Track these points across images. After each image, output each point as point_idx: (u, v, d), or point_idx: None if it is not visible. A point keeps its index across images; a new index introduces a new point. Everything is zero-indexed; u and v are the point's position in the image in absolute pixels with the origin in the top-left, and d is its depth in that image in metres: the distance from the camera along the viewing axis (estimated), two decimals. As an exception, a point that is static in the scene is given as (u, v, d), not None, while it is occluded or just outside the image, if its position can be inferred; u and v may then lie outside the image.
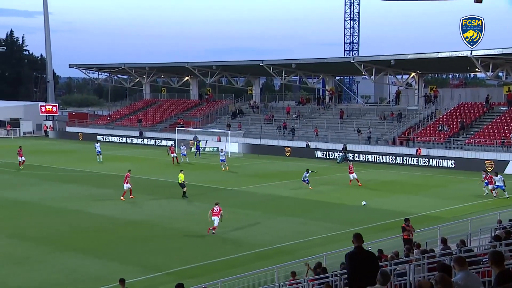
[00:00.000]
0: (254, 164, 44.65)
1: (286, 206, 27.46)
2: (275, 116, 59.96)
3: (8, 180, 34.67)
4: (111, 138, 63.64)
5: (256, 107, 64.12)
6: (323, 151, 48.69)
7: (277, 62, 57.83)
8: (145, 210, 26.15)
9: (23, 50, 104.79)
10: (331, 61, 54.26)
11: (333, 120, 55.81)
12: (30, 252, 18.93)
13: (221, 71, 64.82)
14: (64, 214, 24.83)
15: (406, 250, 15.21)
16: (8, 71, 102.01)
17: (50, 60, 76.42)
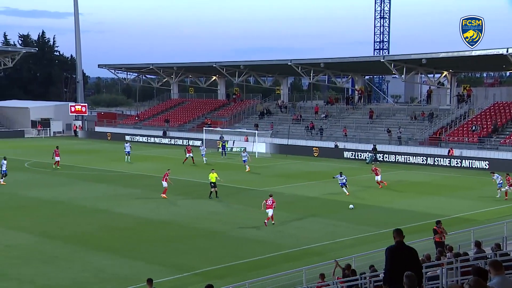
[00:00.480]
0: (282, 164, 44.53)
1: (314, 206, 27.26)
2: (303, 116, 59.70)
3: (39, 179, 35.38)
4: (138, 138, 64.39)
5: (284, 107, 63.97)
6: (352, 152, 48.23)
7: (306, 61, 57.54)
8: (172, 210, 26.32)
9: (54, 51, 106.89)
10: (360, 60, 53.71)
11: (362, 120, 55.27)
12: (58, 251, 19.23)
13: (249, 71, 64.90)
14: (93, 214, 25.17)
15: (438, 253, 14.87)
16: (39, 71, 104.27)
17: (80, 61, 77.81)
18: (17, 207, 26.34)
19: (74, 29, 76.25)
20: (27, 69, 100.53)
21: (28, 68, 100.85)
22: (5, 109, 75.65)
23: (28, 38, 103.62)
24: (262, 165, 43.74)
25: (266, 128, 58.03)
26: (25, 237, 20.78)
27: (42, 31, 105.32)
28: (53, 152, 40.48)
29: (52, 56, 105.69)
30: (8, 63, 73.16)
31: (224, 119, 64.35)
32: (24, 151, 52.17)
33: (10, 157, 46.97)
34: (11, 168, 40.28)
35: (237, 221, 24.11)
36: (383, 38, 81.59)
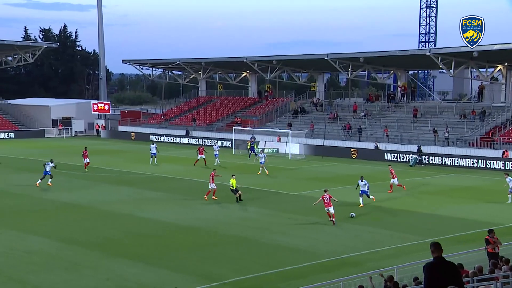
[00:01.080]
0: (317, 166, 44.34)
1: (352, 212, 27.00)
2: (340, 115, 59.33)
3: (60, 182, 36.10)
4: (164, 138, 65.10)
5: (319, 104, 63.72)
6: (394, 153, 47.69)
7: (343, 55, 57.16)
8: (199, 215, 26.51)
9: (76, 46, 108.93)
10: (404, 54, 53.01)
11: (405, 119, 54.61)
12: (79, 257, 19.59)
13: (282, 66, 64.88)
14: (115, 218, 25.56)
15: (491, 265, 14.53)
16: (60, 67, 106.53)
17: (103, 56, 79.13)
18: (37, 211, 26.96)
19: (97, 23, 77.58)
20: (48, 65, 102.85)
21: (49, 64, 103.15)
22: (26, 108, 77.57)
23: (50, 32, 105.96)
24: (295, 167, 43.63)
25: (300, 127, 57.89)
26: (46, 242, 21.25)
27: (64, 25, 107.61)
28: (82, 153, 40.83)
29: (74, 51, 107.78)
30: (29, 59, 75.01)
31: (255, 118, 64.50)
32: (45, 152, 53.35)
33: (30, 158, 48.21)
34: (31, 170, 41.28)
35: (268, 227, 24.12)
36: (429, 30, 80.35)
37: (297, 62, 64.09)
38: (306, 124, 59.45)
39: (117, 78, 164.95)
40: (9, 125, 71.77)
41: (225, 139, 59.25)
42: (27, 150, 54.65)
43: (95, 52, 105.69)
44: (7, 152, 52.51)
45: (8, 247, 20.51)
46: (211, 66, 72.67)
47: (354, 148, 50.50)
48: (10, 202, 28.77)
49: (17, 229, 23.07)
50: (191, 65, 73.10)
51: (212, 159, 43.95)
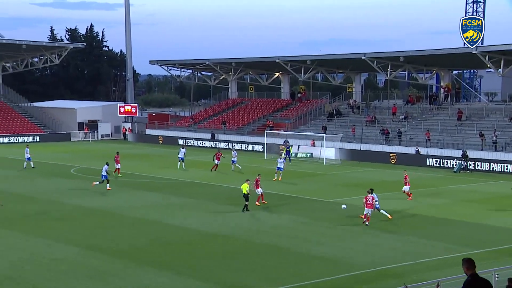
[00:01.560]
0: (353, 172, 44.02)
1: (391, 221, 26.74)
2: (378, 118, 58.86)
3: (86, 187, 36.71)
4: (193, 142, 65.58)
5: (356, 107, 63.32)
6: (437, 159, 47.03)
7: (382, 55, 56.72)
8: (228, 222, 26.59)
9: (103, 46, 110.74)
10: (447, 53, 52.27)
11: (449, 122, 53.86)
12: (105, 265, 19.85)
13: (316, 66, 64.74)
14: (142, 225, 25.84)
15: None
16: (87, 68, 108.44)
17: (130, 57, 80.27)
18: (63, 217, 27.45)
19: (124, 22, 78.79)
20: (74, 66, 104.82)
21: (75, 65, 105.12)
22: (51, 110, 79.19)
23: (76, 32, 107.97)
24: (330, 173, 43.41)
25: (336, 131, 57.60)
26: (72, 250, 21.60)
27: (91, 25, 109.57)
28: (114, 158, 41.17)
29: (100, 51, 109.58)
30: (55, 60, 76.65)
31: (287, 121, 64.47)
32: (70, 156, 54.35)
33: (56, 162, 49.16)
34: (57, 174, 42.09)
35: (302, 235, 24.05)
36: (475, 26, 78.92)
37: (333, 62, 63.84)
38: (341, 128, 59.12)
39: (144, 79, 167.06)
40: (35, 129, 73.37)
41: (256, 143, 59.37)
42: (53, 154, 55.72)
43: (122, 53, 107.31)
44: (33, 157, 53.66)
45: (34, 254, 20.93)
46: (242, 66, 72.96)
47: (393, 152, 50.03)
48: (36, 208, 29.38)
49: (42, 236, 23.53)
50: (221, 66, 73.52)
51: (228, 163, 43.90)
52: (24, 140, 68.93)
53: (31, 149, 47.27)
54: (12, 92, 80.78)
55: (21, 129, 72.09)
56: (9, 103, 78.43)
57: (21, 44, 70.43)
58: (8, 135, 69.42)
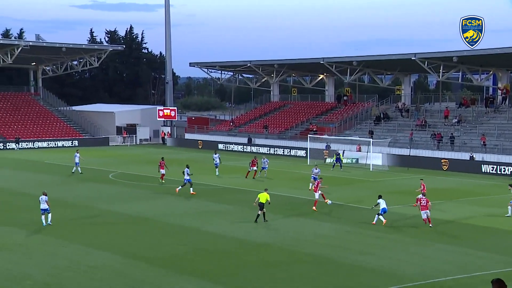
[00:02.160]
0: (402, 179, 43.41)
1: (444, 231, 26.25)
2: (429, 121, 58.00)
3: (124, 193, 37.31)
4: (233, 147, 65.89)
5: (405, 110, 62.56)
6: (493, 165, 46.00)
7: (434, 55, 55.86)
8: (272, 230, 26.56)
9: (142, 48, 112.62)
10: (506, 52, 51.01)
11: (506, 126, 52.70)
12: (144, 273, 20.07)
13: (363, 68, 64.25)
14: (182, 233, 26.06)
15: None
16: (126, 71, 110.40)
17: (169, 59, 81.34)
18: (101, 224, 27.93)
19: (164, 23, 79.90)
20: (113, 69, 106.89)
21: (114, 67, 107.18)
22: (90, 114, 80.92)
23: (115, 34, 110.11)
24: (377, 179, 42.93)
25: (383, 135, 56.99)
26: (110, 257, 21.94)
27: (130, 26, 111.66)
28: (159, 164, 41.46)
29: (140, 54, 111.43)
30: (94, 63, 78.36)
31: (332, 125, 64.14)
32: (109, 161, 55.33)
33: (93, 167, 50.13)
34: (96, 180, 42.91)
35: (347, 245, 23.82)
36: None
37: (381, 63, 63.24)
38: (389, 132, 58.45)
39: (184, 82, 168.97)
40: (73, 133, 75.09)
41: (299, 148, 59.23)
42: (91, 159, 56.83)
43: (161, 55, 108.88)
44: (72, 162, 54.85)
45: (72, 261, 21.34)
46: (284, 68, 73.01)
47: (445, 158, 49.19)
48: (74, 214, 29.99)
49: (81, 243, 23.98)
50: (263, 68, 73.75)
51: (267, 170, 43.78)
52: (63, 144, 70.73)
53: (72, 154, 48.25)
54: (51, 95, 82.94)
55: (60, 133, 73.88)
56: (48, 107, 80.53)
57: (61, 47, 72.32)
58: (47, 139, 71.21)
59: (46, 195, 27.02)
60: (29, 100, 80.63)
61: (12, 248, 23.09)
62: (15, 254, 22.27)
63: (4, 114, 75.25)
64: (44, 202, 26.89)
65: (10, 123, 73.35)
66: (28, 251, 22.69)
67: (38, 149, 67.91)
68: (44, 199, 26.88)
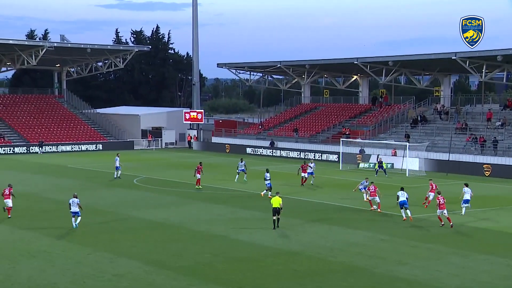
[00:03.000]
0: (440, 185, 42.97)
1: (487, 241, 25.96)
2: (470, 124, 57.38)
3: (149, 198, 37.74)
4: (261, 151, 66.04)
5: (444, 112, 62.00)
6: (538, 171, 45.25)
7: (476, 54, 54.99)
8: (300, 238, 26.60)
9: (169, 49, 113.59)
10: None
11: (554, 129, 51.73)
12: (169, 282, 20.29)
13: (399, 68, 63.85)
14: (208, 240, 26.27)
15: None
16: (151, 73, 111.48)
17: (197, 59, 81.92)
18: (126, 230, 28.31)
19: (191, 23, 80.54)
20: (138, 70, 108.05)
21: (140, 69, 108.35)
22: (114, 117, 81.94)
23: (141, 35, 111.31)
24: (414, 185, 42.61)
25: (420, 139, 56.57)
26: (135, 265, 22.25)
27: (156, 26, 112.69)
28: (195, 169, 41.50)
29: (166, 54, 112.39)
30: (119, 64, 79.37)
31: (366, 128, 63.88)
32: (134, 165, 55.95)
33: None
34: (120, 185, 43.46)
35: (382, 254, 23.74)
36: None
37: (418, 63, 62.75)
38: (427, 135, 57.99)
39: (211, 83, 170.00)
40: (98, 136, 76.14)
41: (331, 152, 59.12)
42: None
43: (188, 56, 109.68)
44: (96, 166, 55.63)
45: (96, 269, 21.70)
46: (316, 69, 72.98)
47: (488, 164, 48.59)
48: (98, 220, 30.44)
49: (105, 250, 24.36)
50: (294, 68, 73.82)
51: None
52: (87, 148, 71.72)
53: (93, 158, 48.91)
54: (75, 98, 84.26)
55: (84, 136, 74.99)
56: (73, 109, 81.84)
57: (86, 48, 73.34)
58: (71, 143, 72.35)
59: (77, 198, 28.20)
60: (53, 102, 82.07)
61: (35, 255, 23.55)
62: (38, 261, 22.71)
63: (28, 117, 76.72)
64: (76, 205, 28.12)
65: (33, 127, 74.75)
66: (51, 258, 23.12)
67: (61, 153, 69.05)
68: (76, 201, 28.11)
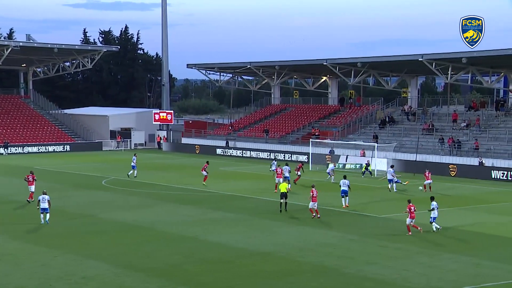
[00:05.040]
0: (407, 185, 43.50)
1: (451, 240, 26.35)
2: (437, 125, 58.17)
3: (118, 200, 37.43)
4: (232, 152, 66.08)
5: (411, 113, 62.72)
6: (504, 171, 46.14)
7: (442, 56, 55.81)
8: (272, 239, 26.68)
9: (138, 49, 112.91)
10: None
11: (517, 130, 52.73)
12: (139, 285, 20.17)
13: (368, 69, 64.43)
14: (179, 242, 26.18)
15: None
16: (120, 73, 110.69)
17: (166, 60, 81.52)
18: (95, 232, 28.03)
19: (161, 23, 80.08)
20: (107, 71, 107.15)
21: (109, 69, 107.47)
22: (82, 118, 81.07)
23: (110, 35, 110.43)
24: (381, 186, 43.05)
25: (388, 140, 57.17)
26: (104, 267, 22.06)
27: (125, 26, 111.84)
28: (203, 167, 43.19)
29: (135, 55, 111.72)
30: (87, 64, 78.53)
31: (335, 128, 64.33)
32: (102, 166, 55.46)
33: (86, 173, 50.22)
34: (89, 186, 43.01)
35: (351, 255, 23.95)
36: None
37: (386, 65, 63.42)
38: (394, 136, 58.62)
39: (181, 84, 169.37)
40: (65, 137, 75.22)
41: (301, 152, 59.37)
42: (84, 165, 57.00)
43: (157, 56, 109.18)
44: (63, 167, 54.97)
45: (64, 272, 21.45)
46: (286, 70, 73.24)
47: (453, 164, 49.30)
48: (66, 223, 30.09)
49: (73, 252, 24.08)
50: (264, 69, 73.98)
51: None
52: (54, 149, 70.76)
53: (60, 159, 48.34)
54: (42, 98, 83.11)
55: (51, 137, 74.01)
56: (39, 110, 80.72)
57: (53, 48, 72.27)
58: (37, 144, 71.30)
59: (46, 195, 28.50)
60: (19, 103, 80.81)
61: (1, 258, 23.19)
62: (4, 265, 22.36)
63: (-7, 117, 75.39)
64: (45, 202, 28.38)
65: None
66: (18, 261, 22.78)
67: (27, 154, 68.04)
68: (47, 198, 28.45)
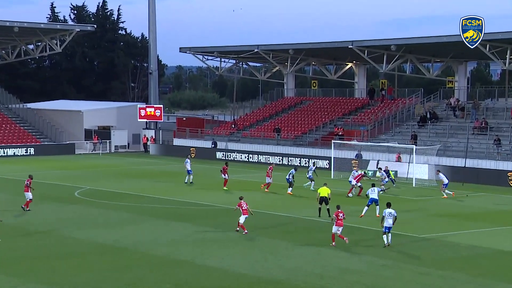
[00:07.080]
0: (455, 198, 43.48)
1: (506, 269, 26.34)
2: (491, 123, 58.01)
3: (95, 215, 37.48)
4: (235, 156, 66.06)
5: (459, 108, 62.61)
6: None
7: (499, 36, 55.42)
8: (282, 263, 26.70)
9: (119, 29, 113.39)
10: None
11: None
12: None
13: (404, 54, 64.34)
14: (169, 267, 26.24)
15: None
16: (97, 59, 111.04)
17: (154, 42, 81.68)
18: (67, 255, 28.08)
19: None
20: (81, 56, 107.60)
21: (83, 54, 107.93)
22: (50, 114, 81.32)
23: (84, 11, 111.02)
24: (421, 198, 43.01)
25: (430, 141, 57.12)
26: (77, 297, 22.17)
27: (103, 1, 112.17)
28: (221, 169, 46.09)
29: (115, 36, 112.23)
30: (56, 48, 78.78)
31: (363, 127, 64.30)
32: (75, 174, 55.56)
33: (55, 182, 50.34)
34: (56, 198, 43.12)
35: (384, 284, 23.95)
36: None
37: (427, 48, 63.37)
38: (438, 136, 58.51)
39: (172, 72, 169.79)
40: (29, 138, 75.37)
41: (321, 157, 59.34)
42: (52, 172, 57.04)
43: (143, 38, 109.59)
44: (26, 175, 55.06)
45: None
46: (302, 55, 73.24)
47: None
48: (30, 244, 30.15)
49: (38, 281, 24.10)
50: (274, 54, 73.96)
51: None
52: (14, 153, 70.61)
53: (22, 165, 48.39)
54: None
55: (11, 138, 74.16)
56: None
57: (12, 26, 72.13)
58: (-6, 146, 71.37)
59: None
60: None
61: None
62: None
63: None
64: None
65: None
66: (-29, 291, 22.91)
67: (-17, 158, 68.28)
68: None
